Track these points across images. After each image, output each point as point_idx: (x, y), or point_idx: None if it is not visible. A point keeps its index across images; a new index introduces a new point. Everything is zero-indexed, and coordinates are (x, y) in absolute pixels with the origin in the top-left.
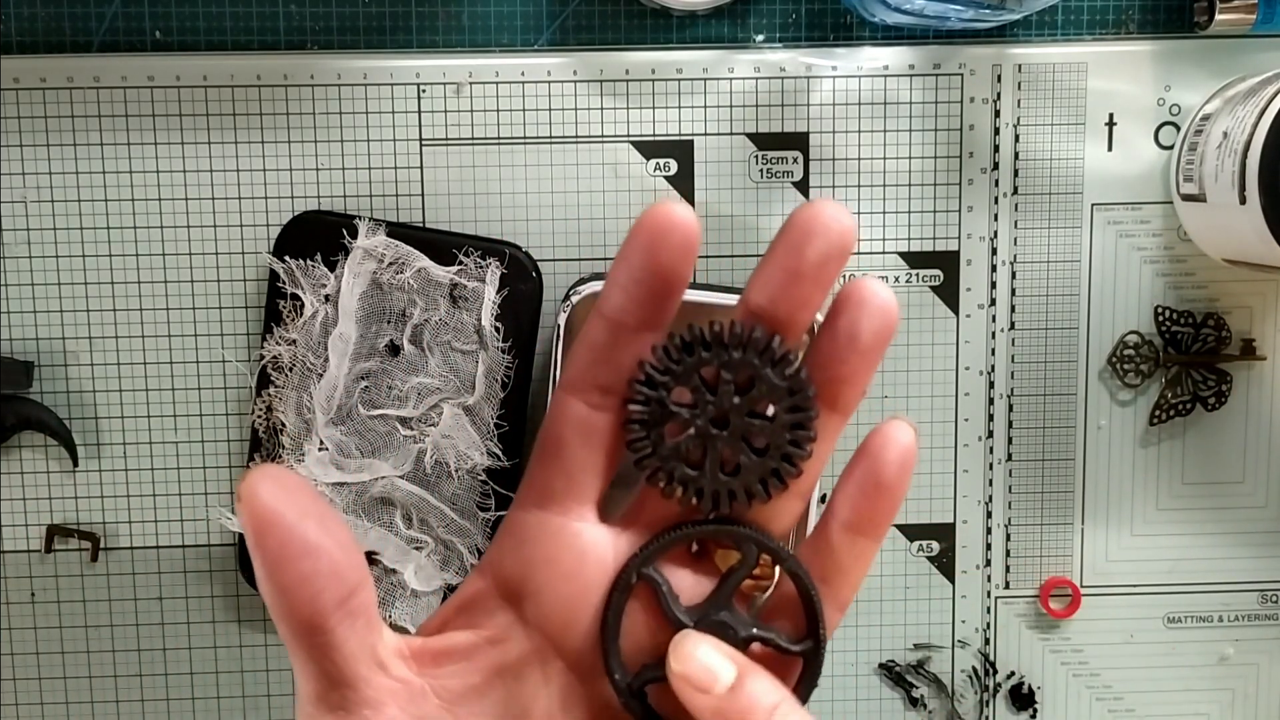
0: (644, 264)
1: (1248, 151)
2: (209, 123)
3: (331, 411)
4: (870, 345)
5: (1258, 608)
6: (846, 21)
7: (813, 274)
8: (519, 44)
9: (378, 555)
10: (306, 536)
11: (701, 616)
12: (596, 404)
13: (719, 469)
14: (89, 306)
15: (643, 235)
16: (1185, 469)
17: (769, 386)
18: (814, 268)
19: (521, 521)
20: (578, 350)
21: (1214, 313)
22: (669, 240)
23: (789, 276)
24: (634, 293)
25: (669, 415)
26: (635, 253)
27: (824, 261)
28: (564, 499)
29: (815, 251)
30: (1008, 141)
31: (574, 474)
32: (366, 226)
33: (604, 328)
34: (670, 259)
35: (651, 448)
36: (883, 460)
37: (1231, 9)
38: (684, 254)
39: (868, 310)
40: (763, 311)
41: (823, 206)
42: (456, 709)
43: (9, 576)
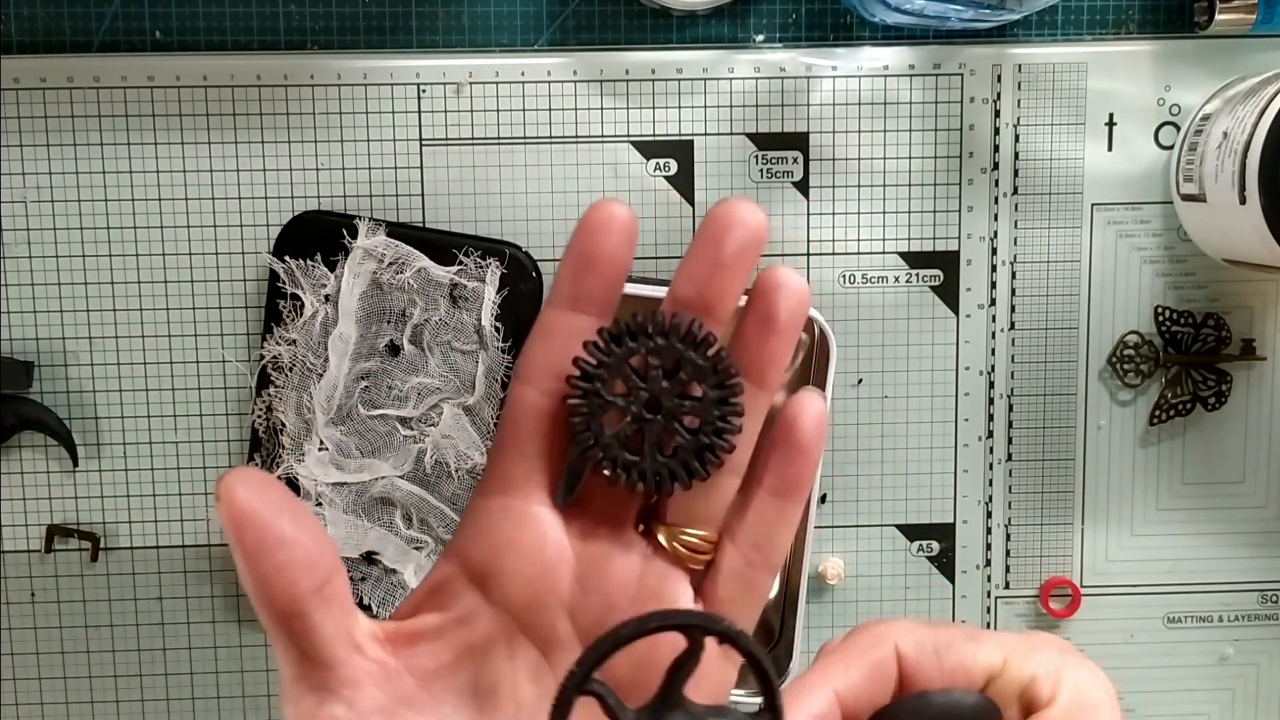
0: (589, 253)
1: (1248, 151)
2: (209, 123)
3: (331, 411)
4: (787, 324)
5: (1258, 608)
6: (846, 21)
7: (732, 263)
8: (519, 44)
9: (378, 555)
10: (281, 530)
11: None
12: (552, 392)
13: (657, 452)
14: (89, 306)
15: (587, 227)
16: (1185, 469)
17: (694, 368)
18: (733, 258)
19: (484, 508)
20: (531, 341)
21: (1214, 313)
22: (611, 229)
23: (712, 267)
24: (583, 281)
25: (606, 405)
26: (581, 243)
27: (741, 252)
28: (523, 485)
29: (734, 243)
30: (1008, 141)
31: (532, 460)
32: (366, 226)
33: (556, 318)
34: (611, 245)
35: (593, 438)
36: (799, 426)
37: (1231, 9)
38: (624, 241)
39: (784, 293)
40: (690, 301)
41: (738, 203)
42: (430, 686)
43: (9, 576)
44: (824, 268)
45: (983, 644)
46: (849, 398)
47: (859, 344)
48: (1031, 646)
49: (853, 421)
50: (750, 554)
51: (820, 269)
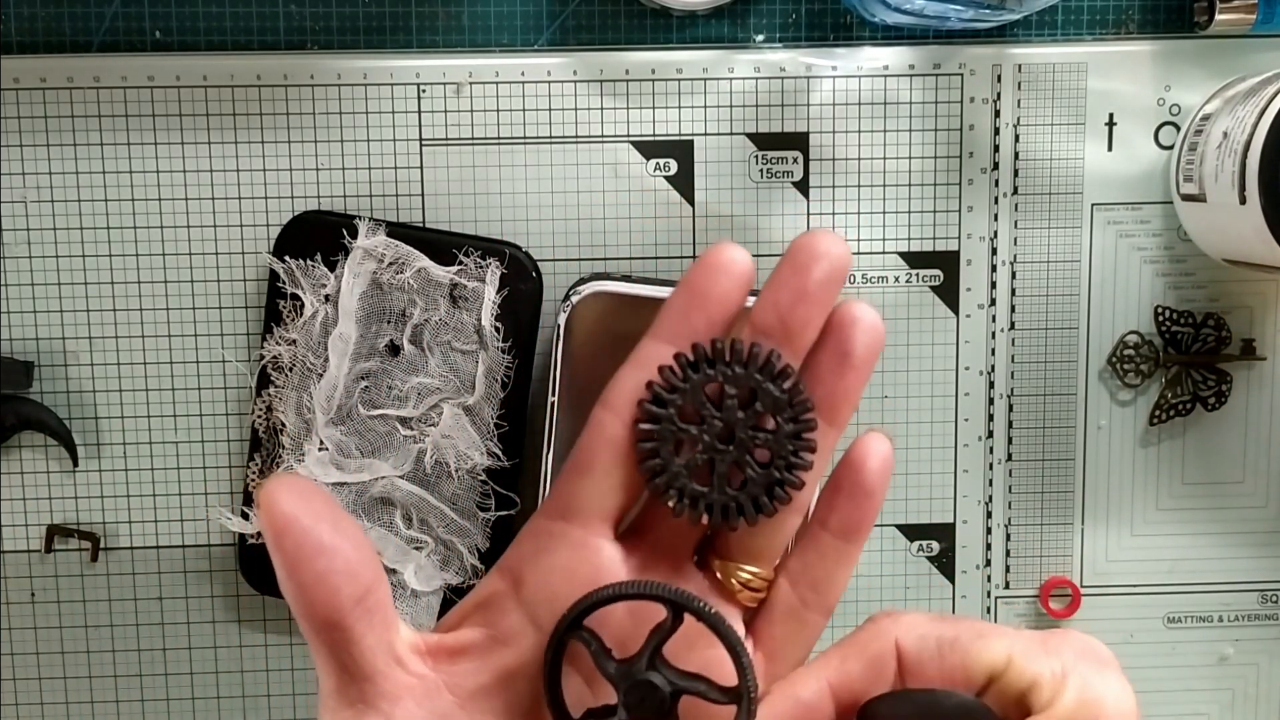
0: (703, 291)
1: (1248, 151)
2: (209, 123)
3: (331, 411)
4: (863, 360)
5: (1258, 608)
6: (846, 21)
7: (817, 294)
8: (519, 44)
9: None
10: (321, 537)
11: (628, 674)
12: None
13: (725, 484)
14: (89, 306)
15: (705, 265)
16: (1185, 469)
17: (770, 400)
18: (818, 287)
19: (546, 530)
20: (624, 370)
21: (1214, 313)
22: (730, 271)
23: (796, 296)
24: (691, 319)
25: (677, 433)
26: (696, 280)
27: (827, 282)
28: (587, 515)
29: (820, 273)
30: (1008, 141)
31: (601, 491)
32: (366, 226)
33: (653, 350)
34: (727, 288)
35: (662, 466)
36: (865, 469)
37: (1231, 9)
38: (740, 287)
39: (860, 328)
40: (771, 329)
41: (824, 234)
42: (469, 705)
43: (9, 576)
44: None
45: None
46: None
47: None
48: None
49: (853, 421)
50: (807, 594)
51: None
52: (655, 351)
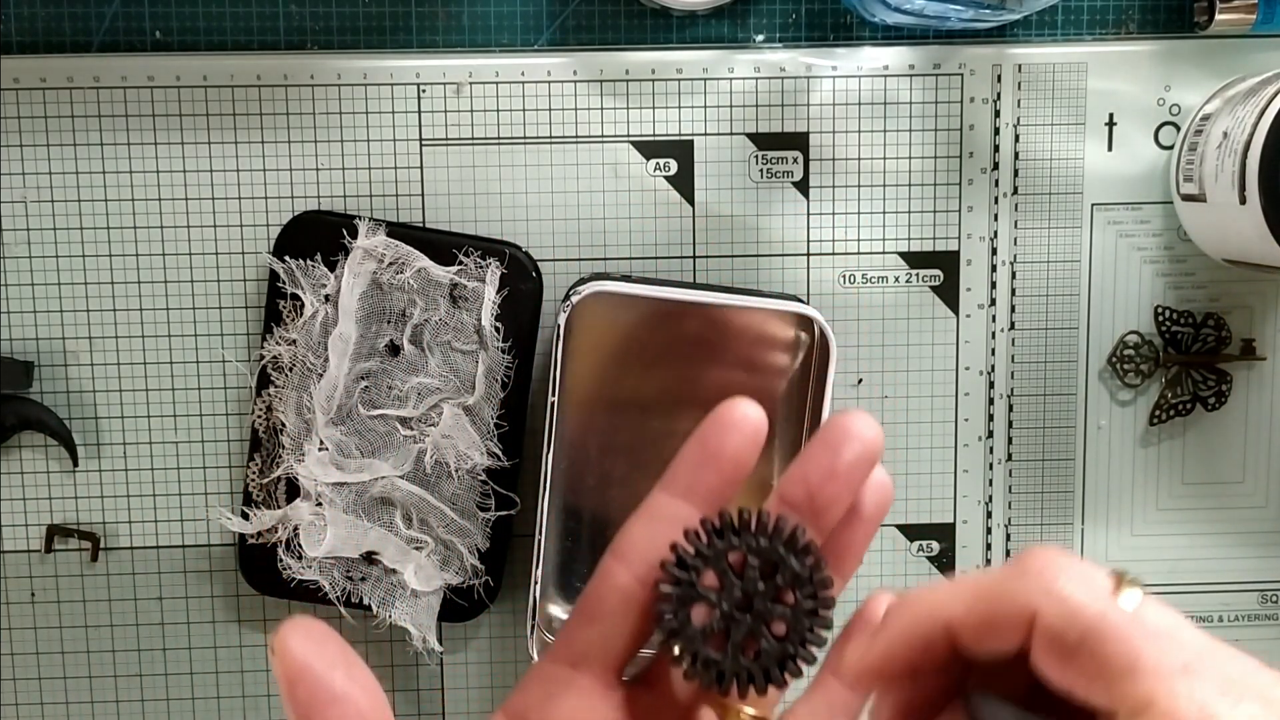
0: (716, 448)
1: (1248, 151)
2: (209, 123)
3: (331, 411)
4: (872, 517)
5: (1258, 608)
6: (846, 21)
7: (846, 475)
8: (519, 44)
9: (378, 555)
10: (334, 686)
11: None
12: (644, 577)
13: (740, 653)
14: (89, 306)
15: (717, 421)
16: (1185, 469)
17: (791, 574)
18: (848, 469)
19: (552, 675)
20: (635, 520)
21: (1214, 313)
22: (740, 428)
23: (826, 475)
24: (702, 475)
25: (697, 597)
26: (708, 436)
27: (857, 464)
28: (595, 663)
29: (851, 454)
30: (1008, 141)
31: (609, 640)
32: (366, 226)
33: (666, 502)
34: (738, 445)
35: (679, 627)
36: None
37: (1231, 9)
38: (752, 444)
39: (870, 488)
40: (798, 504)
41: (859, 416)
42: None
43: (9, 576)
44: (824, 268)
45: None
46: (849, 398)
47: (859, 344)
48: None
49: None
50: None
51: (820, 269)
52: (666, 505)
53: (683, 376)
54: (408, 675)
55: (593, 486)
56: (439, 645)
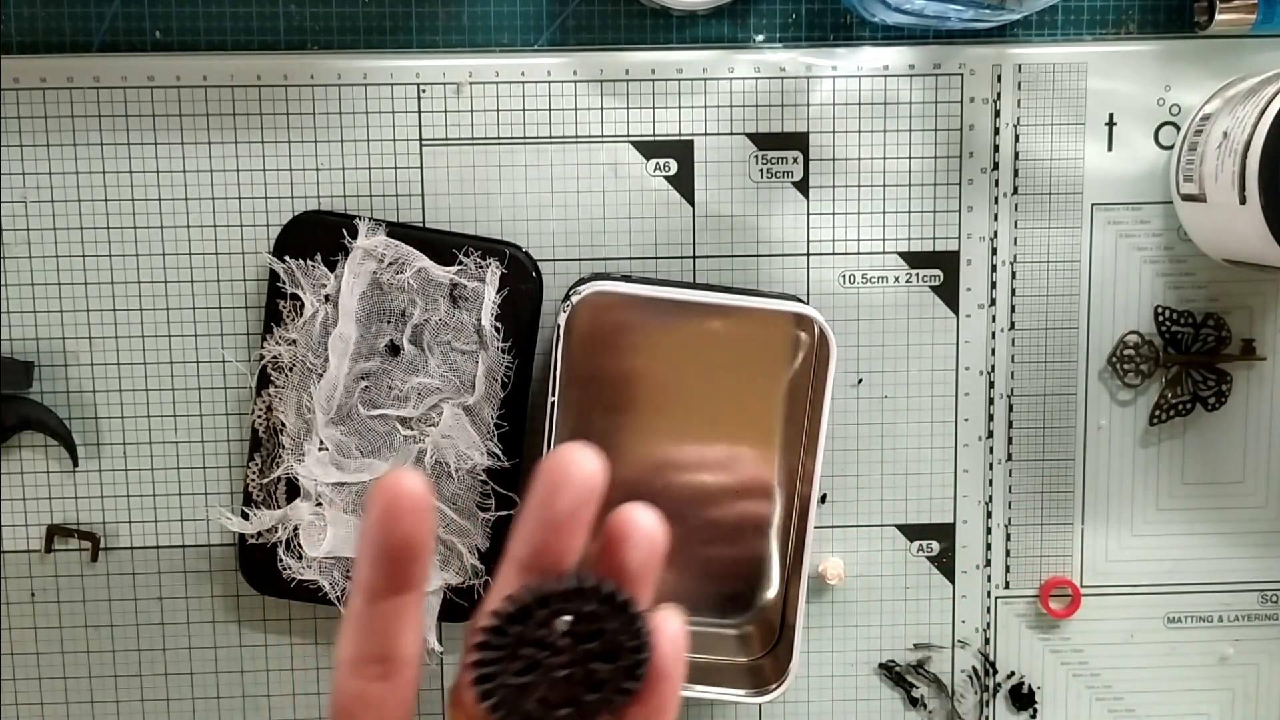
0: (383, 537)
1: (1248, 151)
2: (209, 123)
3: (331, 411)
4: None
5: (1258, 608)
6: (846, 21)
7: (567, 521)
8: (519, 44)
9: None
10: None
11: None
12: (375, 675)
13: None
14: (89, 306)
15: (377, 509)
16: (1185, 469)
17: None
18: (568, 516)
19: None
20: (345, 631)
21: (1214, 313)
22: (401, 510)
23: (545, 525)
24: (380, 566)
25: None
26: (373, 528)
27: (575, 509)
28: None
29: (566, 502)
30: (1008, 141)
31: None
32: (366, 226)
33: (361, 600)
34: (405, 528)
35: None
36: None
37: (1231, 9)
38: (418, 520)
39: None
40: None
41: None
42: None
43: (9, 576)
44: (824, 268)
45: None
46: (849, 398)
47: (859, 344)
48: None
49: (853, 421)
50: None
51: (820, 269)
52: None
53: (683, 376)
54: None
55: None
56: (439, 645)
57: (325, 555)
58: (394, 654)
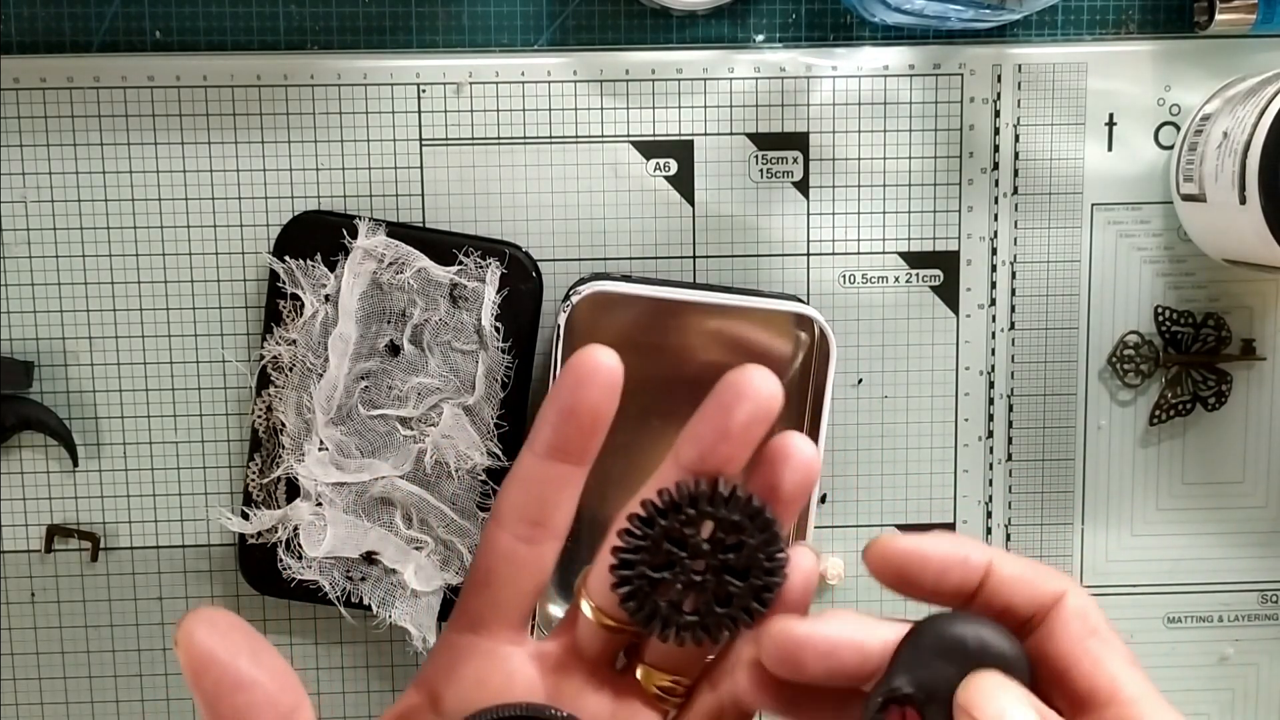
0: (572, 402)
1: (1248, 151)
2: (209, 123)
3: (331, 411)
4: (792, 496)
5: (1258, 608)
6: (846, 21)
7: (739, 435)
8: (519, 44)
9: (378, 555)
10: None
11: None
12: (524, 536)
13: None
14: (89, 306)
15: (571, 375)
16: (1185, 469)
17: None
18: (740, 429)
19: (454, 643)
20: (508, 484)
21: (1214, 313)
22: (595, 380)
23: (718, 435)
24: (561, 428)
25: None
26: (564, 392)
27: (750, 424)
28: (492, 625)
29: (743, 414)
30: (1008, 141)
31: (502, 603)
32: (366, 226)
33: (534, 463)
34: (595, 398)
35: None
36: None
37: (1231, 9)
38: (608, 394)
39: (790, 465)
40: (692, 466)
41: (753, 374)
42: None
43: (9, 576)
44: (824, 268)
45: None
46: (849, 398)
47: (859, 344)
48: None
49: (853, 421)
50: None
51: (820, 269)
52: (534, 466)
53: (682, 376)
54: (408, 675)
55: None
56: None
57: (325, 555)
58: (546, 521)
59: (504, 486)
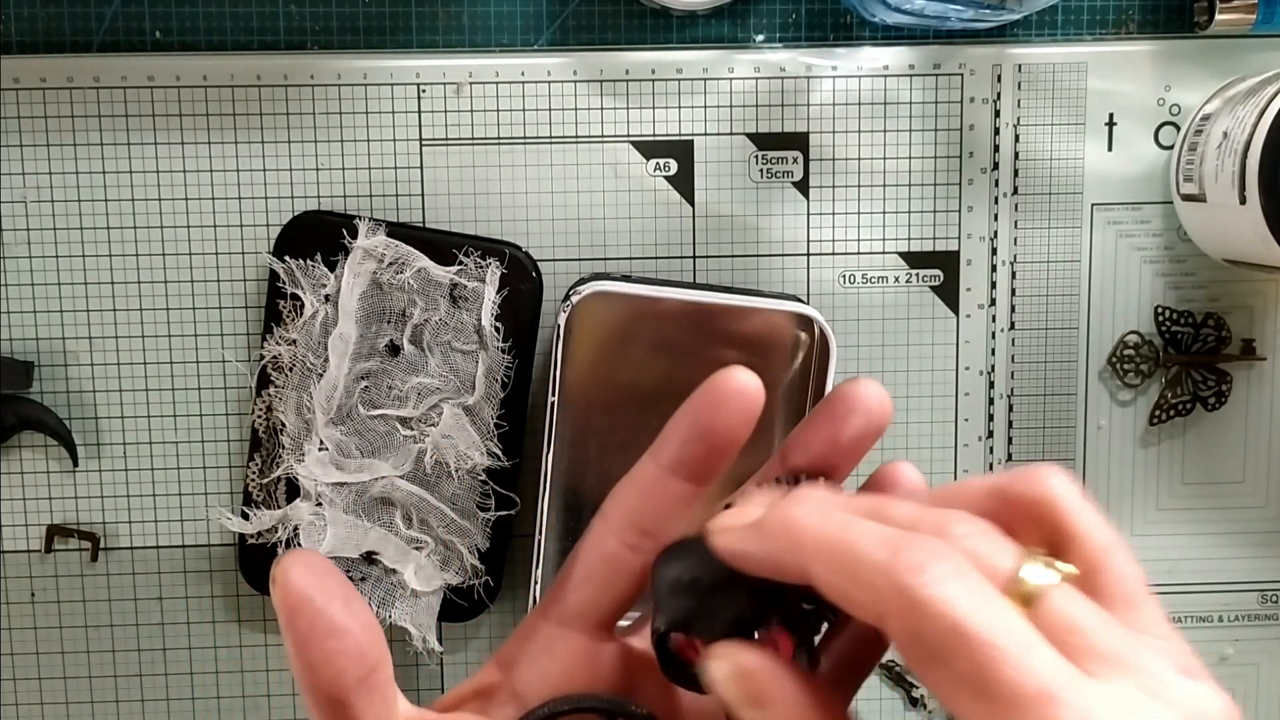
0: (708, 422)
1: (1248, 151)
2: (209, 123)
3: (331, 411)
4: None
5: (1258, 608)
6: (846, 21)
7: (849, 447)
8: (519, 44)
9: (378, 555)
10: (333, 619)
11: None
12: (632, 544)
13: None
14: (89, 306)
15: (710, 395)
16: (1185, 469)
17: None
18: (851, 441)
19: (543, 631)
20: (625, 489)
21: (1214, 313)
22: (734, 403)
23: (828, 446)
24: (692, 447)
25: None
26: (700, 410)
27: (861, 437)
28: (587, 621)
29: (854, 428)
30: (1008, 141)
31: (599, 603)
32: (366, 226)
33: (656, 475)
34: (732, 421)
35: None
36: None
37: (1231, 9)
38: (746, 419)
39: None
40: (799, 471)
41: (867, 387)
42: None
43: (9, 576)
44: (824, 268)
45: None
46: None
47: (859, 344)
48: None
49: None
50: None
51: (820, 269)
52: (655, 477)
53: (682, 376)
54: (408, 675)
55: (593, 486)
56: (439, 645)
57: (325, 555)
58: (657, 534)
59: (620, 489)
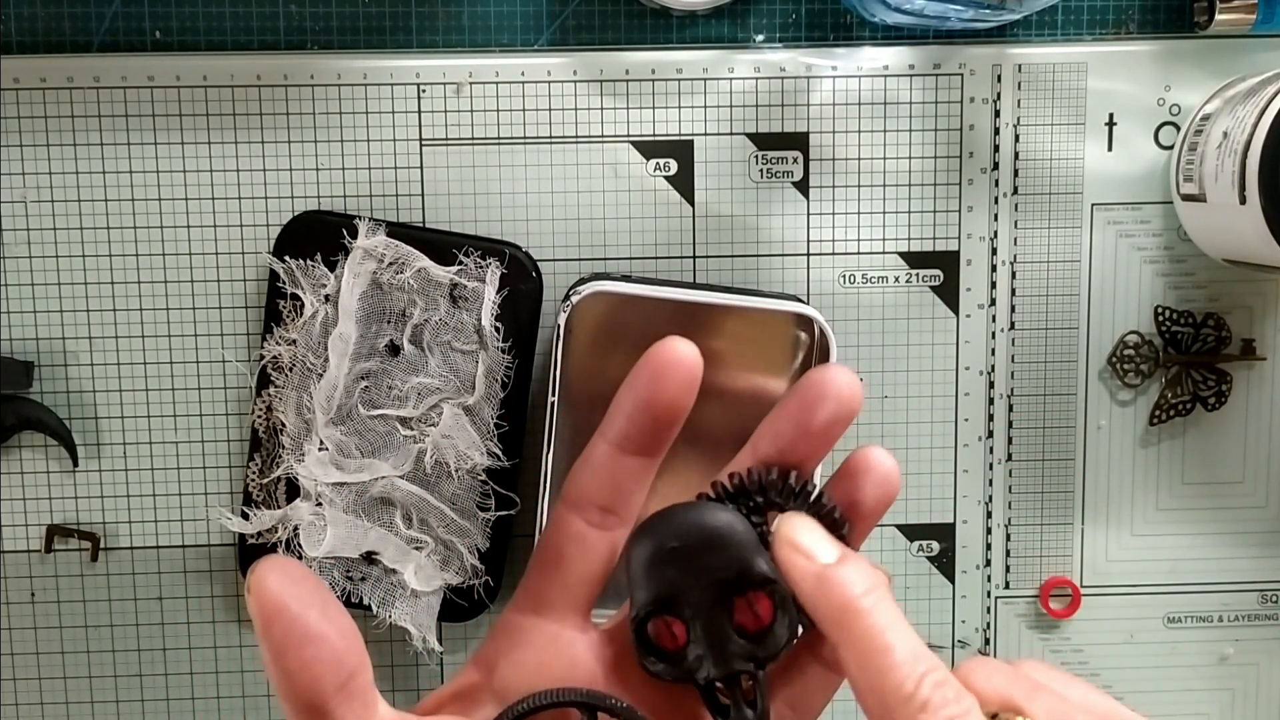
0: (649, 395)
1: (1248, 151)
2: (209, 123)
3: (331, 411)
4: (871, 510)
5: (1258, 608)
6: (846, 21)
7: (818, 434)
8: (519, 44)
9: (378, 555)
10: (309, 625)
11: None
12: (595, 522)
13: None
14: (89, 306)
15: (649, 368)
16: (1185, 469)
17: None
18: (821, 428)
19: (517, 625)
20: (579, 469)
21: (1214, 313)
22: (673, 374)
23: (798, 432)
24: (637, 420)
25: None
26: (641, 384)
27: (830, 424)
28: (558, 608)
29: (824, 414)
30: (1008, 141)
31: (570, 585)
32: (366, 226)
33: (606, 451)
34: (673, 393)
35: None
36: None
37: (1231, 9)
38: (686, 389)
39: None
40: (770, 460)
41: (836, 374)
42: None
43: (9, 576)
44: (824, 268)
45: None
46: None
47: (859, 344)
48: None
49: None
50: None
51: (820, 269)
52: (606, 455)
53: None
54: (408, 675)
55: None
56: (439, 645)
57: (325, 555)
58: (618, 509)
59: (574, 471)
